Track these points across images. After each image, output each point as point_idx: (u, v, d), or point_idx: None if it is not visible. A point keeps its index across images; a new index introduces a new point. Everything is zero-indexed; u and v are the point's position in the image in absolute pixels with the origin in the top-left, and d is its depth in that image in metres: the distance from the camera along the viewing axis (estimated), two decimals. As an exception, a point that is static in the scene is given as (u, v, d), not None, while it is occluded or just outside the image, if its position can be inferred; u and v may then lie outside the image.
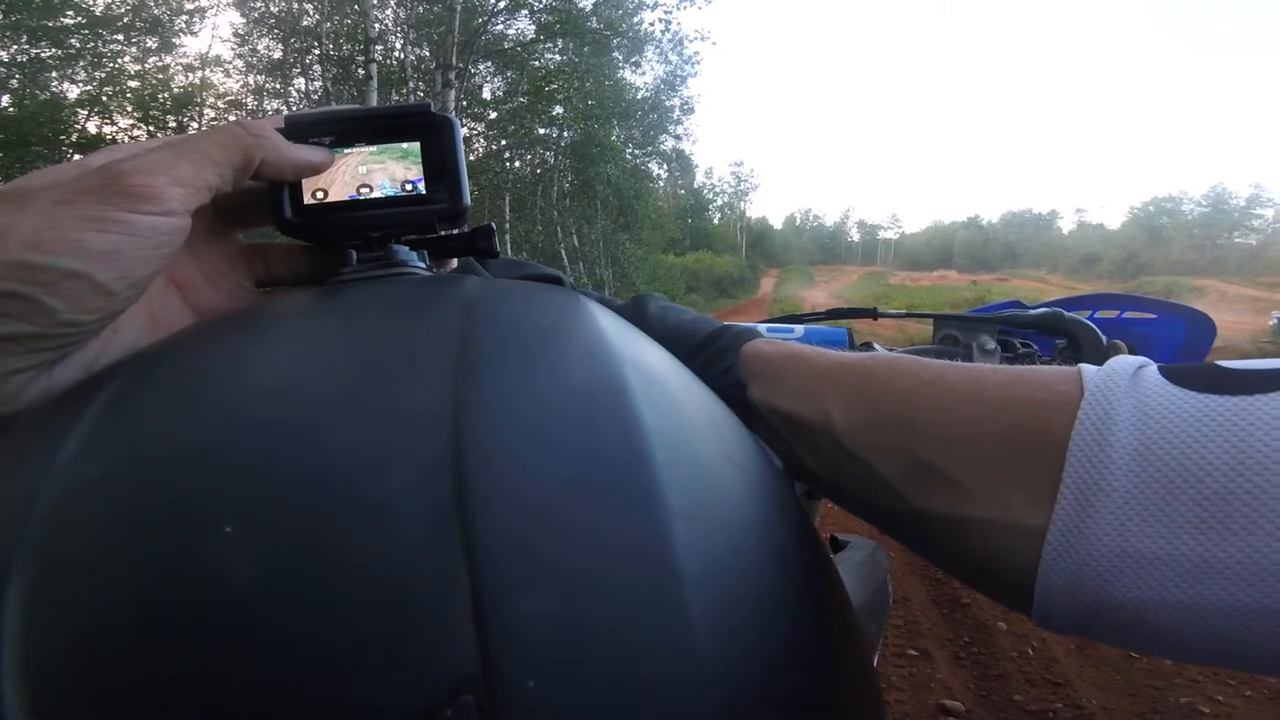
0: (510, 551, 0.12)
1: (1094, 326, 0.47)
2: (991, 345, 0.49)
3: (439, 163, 0.26)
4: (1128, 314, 0.61)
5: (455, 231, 0.28)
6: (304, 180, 0.25)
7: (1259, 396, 0.16)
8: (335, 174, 0.25)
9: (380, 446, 0.13)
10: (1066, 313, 0.48)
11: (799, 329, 0.51)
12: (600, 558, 0.12)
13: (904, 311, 0.53)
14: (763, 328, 0.52)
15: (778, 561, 0.16)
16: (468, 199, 0.26)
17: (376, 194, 0.25)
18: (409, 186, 0.25)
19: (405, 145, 0.26)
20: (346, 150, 0.25)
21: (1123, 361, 0.19)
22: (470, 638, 0.11)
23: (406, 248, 0.26)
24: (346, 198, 0.25)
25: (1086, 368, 0.20)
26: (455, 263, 0.31)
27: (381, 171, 0.25)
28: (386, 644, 0.11)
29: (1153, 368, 0.19)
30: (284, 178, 0.24)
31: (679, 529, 0.13)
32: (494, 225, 0.28)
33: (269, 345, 0.18)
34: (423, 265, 0.26)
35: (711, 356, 0.29)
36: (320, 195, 0.25)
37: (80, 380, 0.19)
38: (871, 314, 0.53)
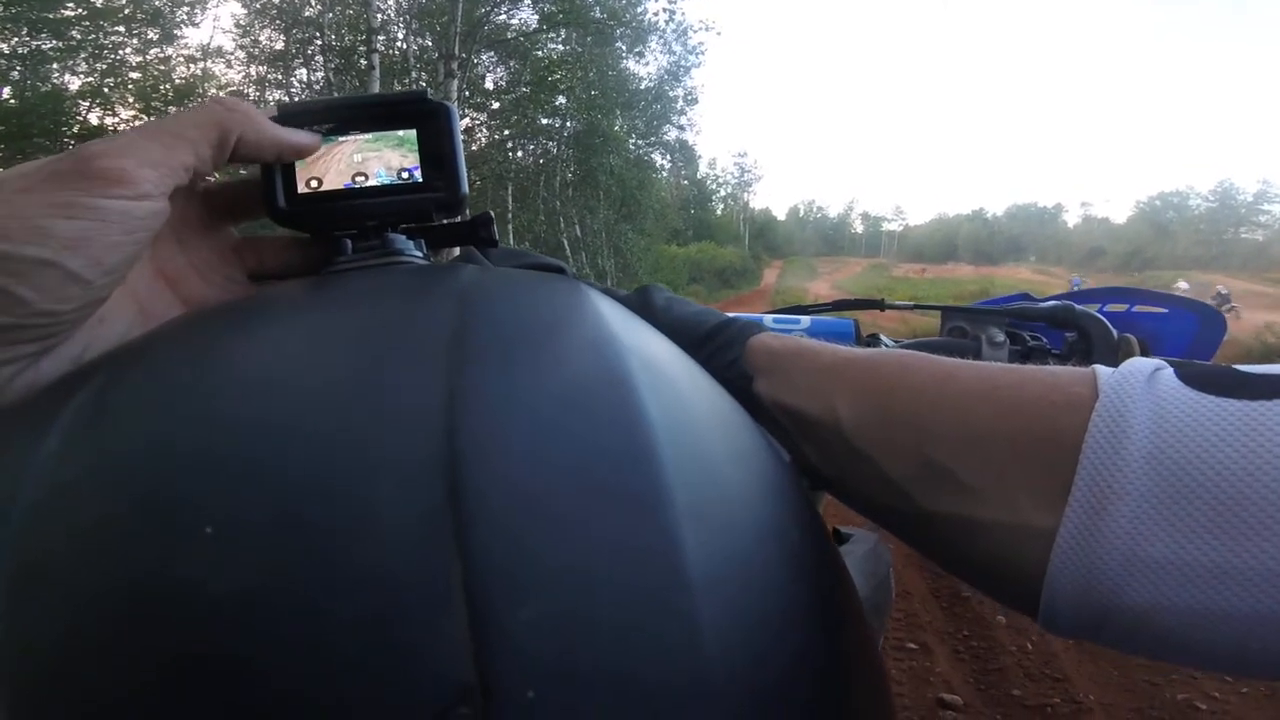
0: (507, 554, 0.11)
1: (1105, 321, 0.46)
2: (1000, 338, 0.48)
3: (436, 150, 0.25)
4: (1137, 308, 0.60)
5: (453, 220, 0.27)
6: (298, 169, 0.24)
7: (1278, 401, 0.16)
8: (330, 162, 0.25)
9: (369, 444, 0.12)
10: (1077, 306, 0.47)
11: (805, 320, 0.50)
12: (603, 561, 0.12)
13: (911, 303, 0.53)
14: (768, 319, 0.51)
15: (788, 561, 0.15)
16: (465, 187, 0.25)
17: (372, 182, 0.25)
18: (405, 174, 0.25)
19: (401, 133, 0.25)
20: (341, 139, 0.25)
21: (1138, 363, 0.19)
22: (466, 647, 0.10)
23: (403, 236, 0.25)
24: (341, 186, 0.25)
25: (1101, 369, 0.19)
26: (456, 252, 0.30)
27: (377, 159, 0.25)
28: (376, 654, 0.10)
29: (1169, 370, 0.18)
30: (265, 158, 0.23)
31: (687, 529, 0.13)
32: (492, 213, 0.28)
33: (256, 339, 0.17)
34: (420, 254, 0.25)
35: (717, 349, 0.28)
36: (314, 184, 0.24)
37: (65, 373, 0.18)
38: (878, 305, 0.52)
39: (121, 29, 7.00)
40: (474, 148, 9.32)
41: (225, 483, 0.12)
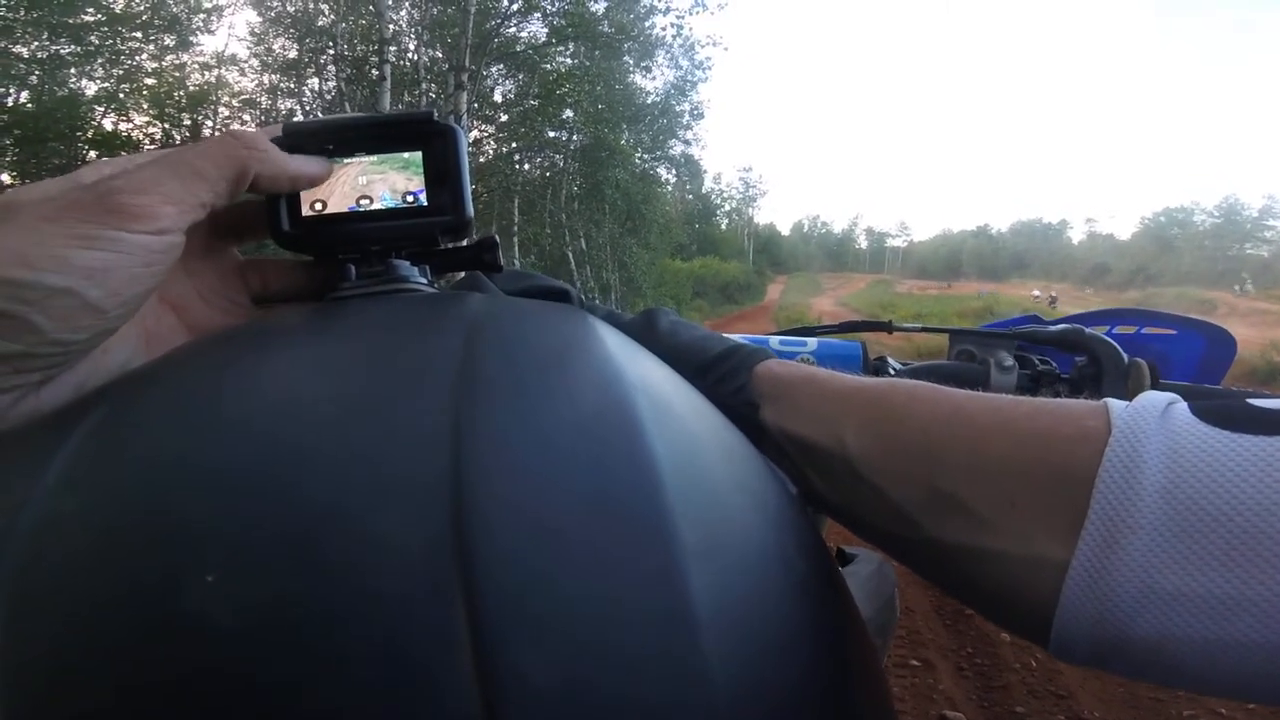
0: (513, 594, 0.11)
1: (1115, 344, 0.46)
2: (1009, 362, 0.48)
3: (441, 173, 0.25)
4: (1146, 329, 0.60)
5: (458, 245, 0.27)
6: (302, 191, 0.24)
7: None
8: (334, 185, 0.25)
9: (372, 481, 0.12)
10: (1086, 329, 0.47)
11: (812, 342, 0.50)
12: (609, 593, 0.12)
13: (919, 325, 0.53)
14: (775, 340, 0.51)
15: (793, 590, 0.15)
16: (471, 211, 0.25)
17: (377, 205, 0.25)
18: (410, 198, 0.25)
19: (407, 155, 0.25)
20: (346, 160, 0.25)
21: (1152, 397, 0.19)
22: (473, 689, 0.10)
23: (407, 262, 0.25)
24: (346, 209, 0.25)
25: (1114, 403, 0.19)
26: (462, 274, 0.30)
27: (382, 182, 0.25)
28: (379, 687, 0.10)
29: (1183, 405, 0.19)
30: (280, 190, 0.23)
31: (692, 560, 0.13)
32: (497, 237, 0.28)
33: (260, 370, 0.17)
34: (424, 280, 0.25)
35: (722, 376, 0.28)
36: (319, 207, 0.24)
37: (69, 401, 0.18)
38: (886, 327, 0.52)
39: (139, 35, 7.08)
40: (481, 160, 9.39)
41: (230, 509, 0.12)
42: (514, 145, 10.02)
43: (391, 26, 7.71)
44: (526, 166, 10.52)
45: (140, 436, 0.14)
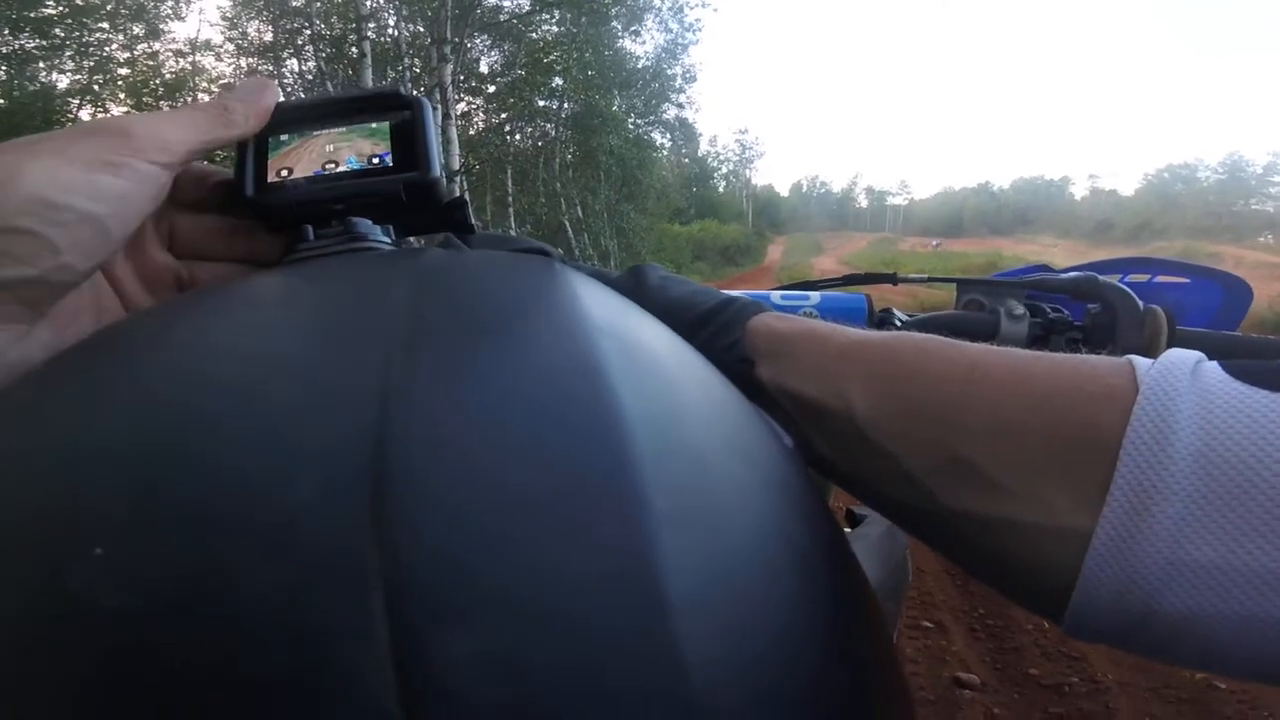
0: (440, 577, 0.09)
1: (1130, 292, 0.43)
2: (1020, 310, 0.45)
3: (409, 137, 0.25)
4: (1159, 278, 0.58)
5: (426, 205, 0.26)
6: (270, 160, 0.24)
7: None
8: (302, 154, 0.24)
9: (281, 446, 0.11)
10: (1100, 277, 0.45)
11: (815, 296, 0.48)
12: (560, 582, 0.10)
13: (926, 276, 0.50)
14: (776, 295, 0.49)
15: (792, 568, 0.13)
16: (438, 169, 0.25)
17: (342, 169, 0.24)
18: (376, 160, 0.24)
19: (374, 124, 0.25)
20: (315, 134, 0.25)
21: (1180, 355, 0.17)
22: (390, 690, 0.09)
23: (369, 221, 0.24)
24: (311, 174, 0.24)
25: (1139, 360, 0.18)
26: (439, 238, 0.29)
27: (349, 148, 0.25)
28: (279, 698, 0.09)
29: (1213, 363, 0.17)
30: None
31: (666, 535, 0.11)
32: (467, 196, 0.27)
33: (183, 336, 0.16)
34: (387, 240, 0.24)
35: (715, 331, 0.26)
36: (284, 174, 0.24)
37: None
38: (891, 279, 0.50)
39: (105, 25, 6.92)
40: (471, 132, 9.25)
41: (121, 483, 0.11)
42: (504, 116, 9.84)
43: (369, 2, 7.50)
44: (518, 137, 10.37)
45: (38, 415, 0.13)
